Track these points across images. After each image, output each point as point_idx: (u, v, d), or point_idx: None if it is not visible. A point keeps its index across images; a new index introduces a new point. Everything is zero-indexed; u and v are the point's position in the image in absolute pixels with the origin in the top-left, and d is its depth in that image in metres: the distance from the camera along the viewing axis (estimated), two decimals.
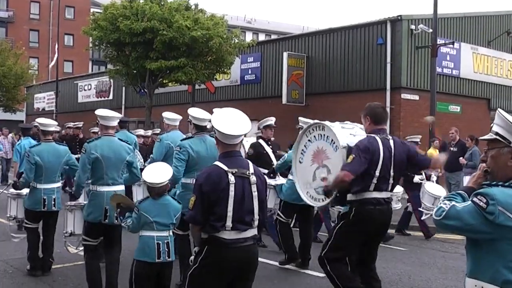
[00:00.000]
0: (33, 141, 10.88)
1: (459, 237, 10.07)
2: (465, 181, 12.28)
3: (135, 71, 24.19)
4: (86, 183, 7.17)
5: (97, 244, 6.80)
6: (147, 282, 5.68)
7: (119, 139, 6.93)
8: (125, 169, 6.78)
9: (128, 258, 6.83)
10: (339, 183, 5.68)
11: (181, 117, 9.19)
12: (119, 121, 7.52)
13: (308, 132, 6.76)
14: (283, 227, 8.75)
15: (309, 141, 6.71)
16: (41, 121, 8.22)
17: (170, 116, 9.12)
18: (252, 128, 4.72)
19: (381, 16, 33.30)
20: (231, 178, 4.17)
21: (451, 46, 22.27)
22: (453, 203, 2.93)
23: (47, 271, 8.01)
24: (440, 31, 20.95)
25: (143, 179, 6.05)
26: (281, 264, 8.71)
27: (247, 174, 4.27)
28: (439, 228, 3.06)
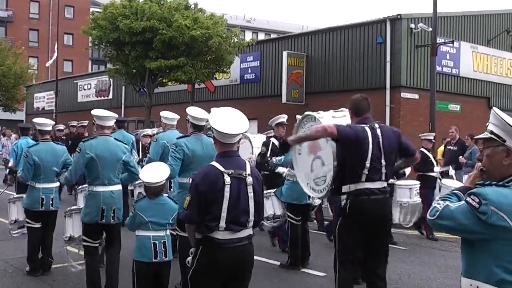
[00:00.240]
0: (31, 141, 10.86)
1: (458, 236, 10.07)
2: (465, 179, 12.25)
3: (134, 71, 24.21)
4: (83, 188, 7.17)
5: (98, 245, 6.79)
6: (146, 282, 5.69)
7: (115, 139, 6.93)
8: (121, 168, 6.76)
9: (128, 258, 6.83)
10: (320, 132, 5.61)
11: (178, 117, 9.19)
12: (116, 121, 7.50)
13: (302, 123, 6.80)
14: (294, 230, 8.71)
15: (304, 132, 6.71)
16: (38, 120, 8.22)
17: (167, 115, 9.12)
18: (250, 127, 4.71)
19: (380, 15, 33.27)
20: (227, 179, 4.16)
21: (451, 45, 22.25)
22: (447, 203, 2.92)
23: (47, 271, 8.01)
24: (439, 30, 20.94)
25: (141, 180, 6.06)
26: (282, 266, 8.70)
27: (243, 175, 4.25)
28: (433, 227, 3.07)
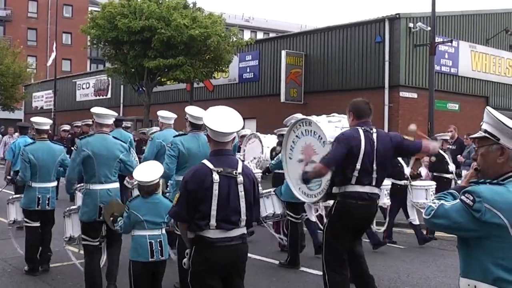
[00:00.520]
0: (29, 140, 10.86)
1: (455, 235, 10.07)
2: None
3: (133, 70, 24.22)
4: (81, 187, 7.16)
5: (98, 244, 6.78)
6: (142, 281, 5.69)
7: (114, 137, 6.92)
8: (118, 167, 6.74)
9: (127, 257, 6.82)
10: (315, 175, 5.73)
11: (175, 116, 9.22)
12: (114, 119, 7.48)
13: (295, 128, 6.78)
14: (295, 229, 8.72)
15: (296, 136, 6.73)
16: (35, 120, 8.20)
17: (164, 114, 9.14)
18: (248, 126, 4.72)
19: (379, 14, 33.36)
20: (215, 177, 4.17)
21: (449, 44, 22.27)
22: (442, 202, 2.94)
23: (46, 264, 8.01)
24: (438, 29, 20.95)
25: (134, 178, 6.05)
26: (282, 265, 8.71)
27: (233, 173, 4.25)
28: (429, 227, 3.09)
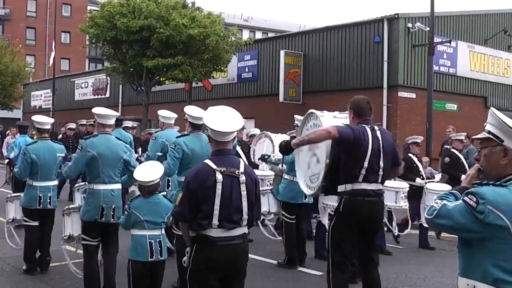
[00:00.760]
0: (29, 139, 10.86)
1: (455, 236, 10.09)
2: (462, 178, 12.19)
3: (132, 69, 24.19)
4: (80, 186, 7.16)
5: (97, 244, 6.78)
6: (142, 281, 5.69)
7: (116, 137, 6.93)
8: (121, 167, 6.76)
9: (125, 257, 6.83)
10: (322, 135, 5.62)
11: (176, 115, 9.21)
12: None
13: (307, 120, 6.87)
14: (289, 228, 8.71)
15: (307, 130, 6.78)
16: (37, 119, 8.14)
17: (165, 114, 9.14)
18: (247, 126, 4.73)
19: (378, 14, 33.36)
20: (219, 176, 4.18)
21: (448, 44, 22.28)
22: (445, 202, 2.94)
23: (45, 269, 7.99)
24: (437, 29, 20.96)
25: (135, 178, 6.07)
26: (280, 265, 8.71)
27: (236, 173, 4.26)
28: (431, 227, 3.10)
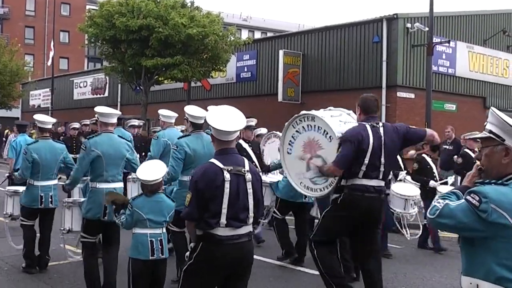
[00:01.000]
0: (29, 138, 10.86)
1: (454, 236, 10.09)
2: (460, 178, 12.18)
3: (130, 69, 24.19)
4: (82, 180, 7.17)
5: (96, 240, 6.79)
6: (143, 279, 5.69)
7: (118, 136, 6.94)
8: (124, 166, 6.77)
9: (126, 255, 6.83)
10: (328, 175, 6.01)
11: (177, 115, 9.22)
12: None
13: (295, 123, 6.77)
14: (280, 223, 8.82)
15: (297, 131, 6.72)
16: (39, 118, 8.12)
17: (166, 113, 9.14)
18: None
19: (377, 14, 33.41)
20: (227, 175, 4.20)
21: (447, 44, 22.28)
22: (447, 201, 2.95)
23: (44, 268, 7.99)
24: (436, 29, 20.96)
25: (137, 176, 6.07)
26: (279, 259, 8.77)
27: (242, 171, 4.29)
28: (433, 226, 3.11)
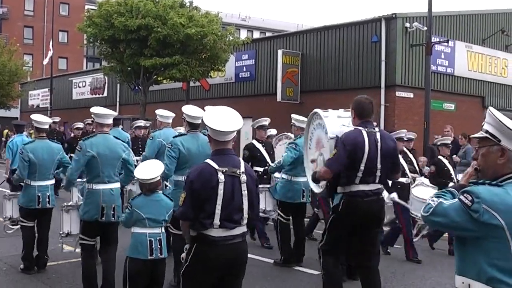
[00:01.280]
0: (26, 138, 10.82)
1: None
2: (459, 178, 12.18)
3: (129, 68, 24.15)
4: (80, 181, 7.16)
5: (94, 243, 6.79)
6: (141, 279, 5.69)
7: (114, 136, 6.92)
8: (120, 166, 6.76)
9: (124, 255, 6.83)
10: (321, 178, 5.99)
11: (174, 115, 9.22)
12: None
13: (313, 120, 6.94)
14: (284, 228, 8.74)
15: (313, 128, 6.90)
16: (36, 118, 8.08)
17: (163, 113, 9.14)
18: (245, 125, 4.74)
19: (375, 14, 33.40)
20: (221, 176, 4.21)
21: (446, 44, 22.27)
22: (441, 200, 2.97)
23: (42, 268, 7.98)
24: (434, 29, 20.95)
25: (136, 177, 6.07)
26: (275, 264, 8.72)
27: (237, 173, 4.30)
28: (427, 224, 3.12)
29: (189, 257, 4.28)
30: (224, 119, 4.34)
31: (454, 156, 14.13)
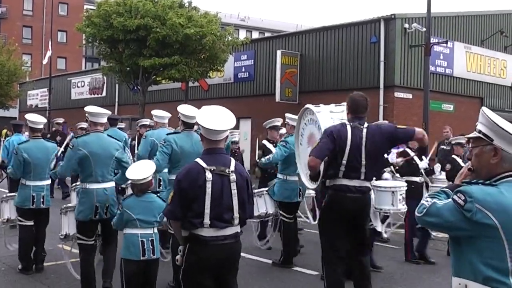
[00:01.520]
0: (23, 138, 10.79)
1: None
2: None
3: (128, 68, 24.16)
4: (77, 186, 7.14)
5: (93, 243, 6.76)
6: (135, 280, 5.69)
7: (108, 135, 6.91)
8: (114, 165, 6.74)
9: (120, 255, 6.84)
10: (309, 168, 5.96)
11: (170, 115, 9.28)
12: (108, 118, 7.47)
13: (304, 116, 6.95)
14: (287, 227, 8.74)
15: (305, 124, 6.93)
16: (30, 118, 8.04)
17: (158, 113, 9.19)
18: (244, 125, 4.74)
19: (374, 14, 33.43)
20: (208, 175, 4.20)
21: (445, 45, 22.31)
22: (435, 200, 2.97)
23: (40, 264, 7.98)
24: (433, 30, 20.98)
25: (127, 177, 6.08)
26: (274, 264, 8.72)
27: (226, 172, 4.28)
28: (421, 224, 3.13)
29: (184, 259, 4.27)
30: (216, 118, 4.34)
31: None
